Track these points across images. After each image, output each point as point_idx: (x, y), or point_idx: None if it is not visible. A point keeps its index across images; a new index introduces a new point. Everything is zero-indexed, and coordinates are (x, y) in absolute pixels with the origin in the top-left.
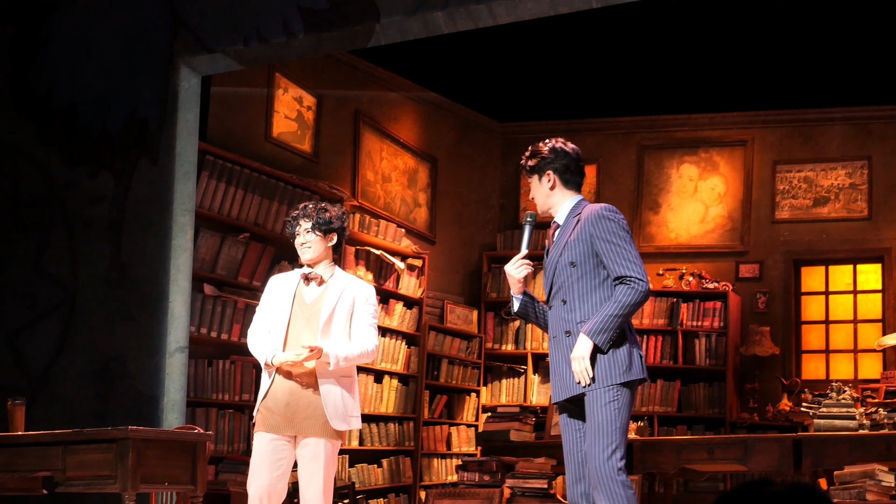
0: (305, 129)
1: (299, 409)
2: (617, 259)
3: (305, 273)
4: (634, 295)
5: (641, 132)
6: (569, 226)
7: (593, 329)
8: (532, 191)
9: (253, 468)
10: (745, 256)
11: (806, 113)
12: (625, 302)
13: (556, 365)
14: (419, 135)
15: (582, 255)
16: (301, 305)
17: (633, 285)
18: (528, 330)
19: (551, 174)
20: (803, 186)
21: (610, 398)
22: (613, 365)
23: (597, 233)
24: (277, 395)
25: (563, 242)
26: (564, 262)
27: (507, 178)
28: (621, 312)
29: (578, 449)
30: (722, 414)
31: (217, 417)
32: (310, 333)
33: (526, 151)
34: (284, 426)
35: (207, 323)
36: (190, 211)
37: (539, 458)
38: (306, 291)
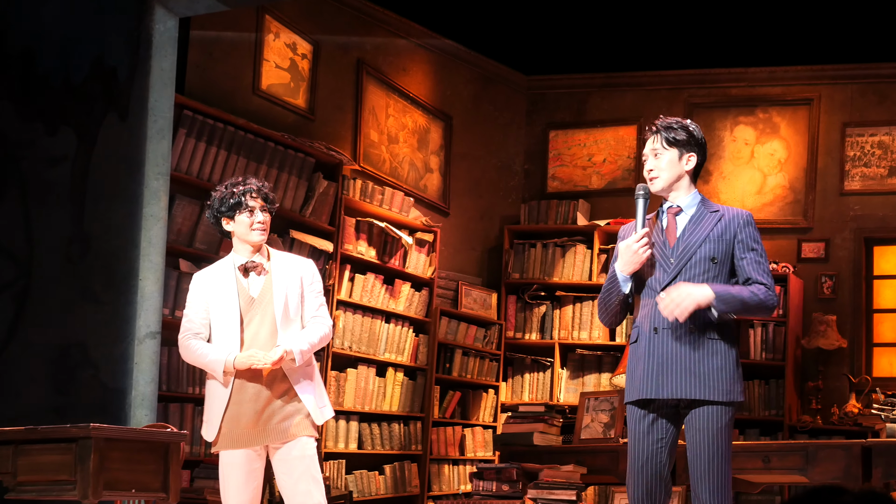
0: (300, 80)
1: (273, 414)
2: (759, 269)
3: (242, 264)
4: (768, 301)
5: (689, 88)
6: (706, 219)
7: (720, 293)
8: (659, 163)
9: (227, 485)
10: (809, 233)
11: (881, 67)
12: (759, 299)
13: (661, 357)
14: (432, 89)
15: (724, 254)
16: (248, 301)
17: (771, 294)
18: (556, 317)
19: (694, 157)
20: (877, 153)
21: (725, 423)
22: (737, 380)
23: (743, 237)
24: (243, 404)
25: (704, 235)
26: (704, 255)
27: (532, 140)
28: (748, 303)
29: (658, 460)
30: (780, 416)
31: (193, 414)
32: (268, 329)
33: (666, 119)
34: (254, 437)
35: (183, 304)
36: (164, 174)
37: (567, 466)
38: (249, 284)
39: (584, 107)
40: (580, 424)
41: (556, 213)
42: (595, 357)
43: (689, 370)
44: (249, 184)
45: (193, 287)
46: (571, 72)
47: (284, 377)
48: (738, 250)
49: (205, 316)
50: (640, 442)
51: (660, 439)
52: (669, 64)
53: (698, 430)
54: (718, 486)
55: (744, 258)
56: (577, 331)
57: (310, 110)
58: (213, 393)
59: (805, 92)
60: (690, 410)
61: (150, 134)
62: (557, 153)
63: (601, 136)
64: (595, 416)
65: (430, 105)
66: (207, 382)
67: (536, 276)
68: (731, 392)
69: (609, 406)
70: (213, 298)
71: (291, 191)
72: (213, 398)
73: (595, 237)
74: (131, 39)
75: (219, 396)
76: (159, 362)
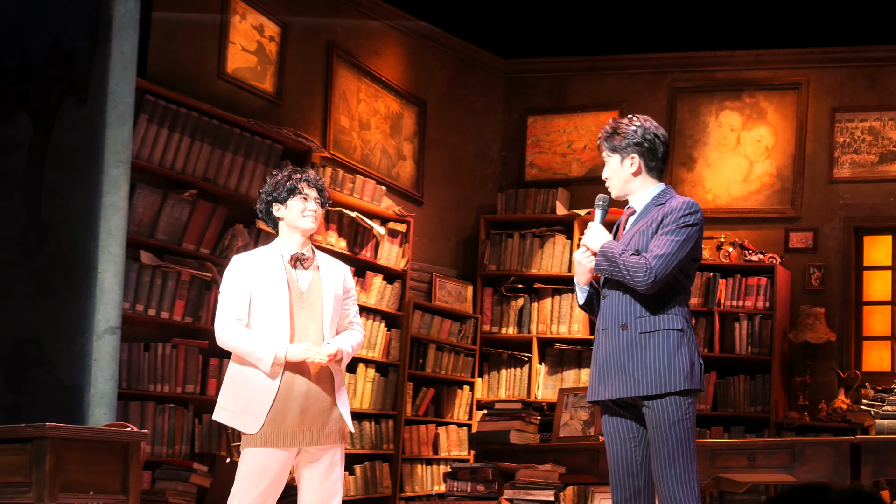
0: (267, 64)
1: (317, 416)
2: (657, 243)
3: (294, 254)
4: (638, 278)
5: (674, 72)
6: (647, 214)
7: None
8: (607, 171)
9: (248, 484)
10: (797, 223)
11: (871, 50)
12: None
13: (602, 360)
14: (405, 73)
15: (648, 244)
16: (297, 294)
17: (645, 273)
18: (534, 310)
19: (636, 157)
20: (867, 139)
21: (679, 415)
22: (674, 369)
23: (666, 221)
24: (290, 401)
25: (637, 229)
26: (631, 250)
27: (510, 126)
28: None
29: (633, 459)
30: (766, 413)
31: (155, 413)
32: (316, 326)
33: (606, 126)
34: (295, 438)
35: (144, 298)
36: (125, 162)
37: (545, 465)
38: (297, 276)
39: (563, 91)
40: (559, 422)
41: (534, 202)
42: (574, 352)
43: (621, 369)
44: (307, 173)
45: (235, 270)
46: (551, 55)
47: (330, 378)
48: (658, 232)
49: (246, 301)
50: (614, 443)
51: (632, 438)
52: (653, 47)
53: (652, 427)
54: (682, 478)
55: (655, 236)
56: (555, 324)
57: (277, 95)
58: (255, 383)
59: (793, 76)
60: (643, 408)
61: (110, 120)
62: (536, 140)
63: (581, 121)
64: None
65: (403, 90)
66: (240, 369)
67: (514, 268)
68: (666, 383)
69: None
70: (259, 285)
71: (258, 179)
72: (253, 388)
73: (575, 227)
74: (90, 21)
75: (263, 388)
76: (119, 359)
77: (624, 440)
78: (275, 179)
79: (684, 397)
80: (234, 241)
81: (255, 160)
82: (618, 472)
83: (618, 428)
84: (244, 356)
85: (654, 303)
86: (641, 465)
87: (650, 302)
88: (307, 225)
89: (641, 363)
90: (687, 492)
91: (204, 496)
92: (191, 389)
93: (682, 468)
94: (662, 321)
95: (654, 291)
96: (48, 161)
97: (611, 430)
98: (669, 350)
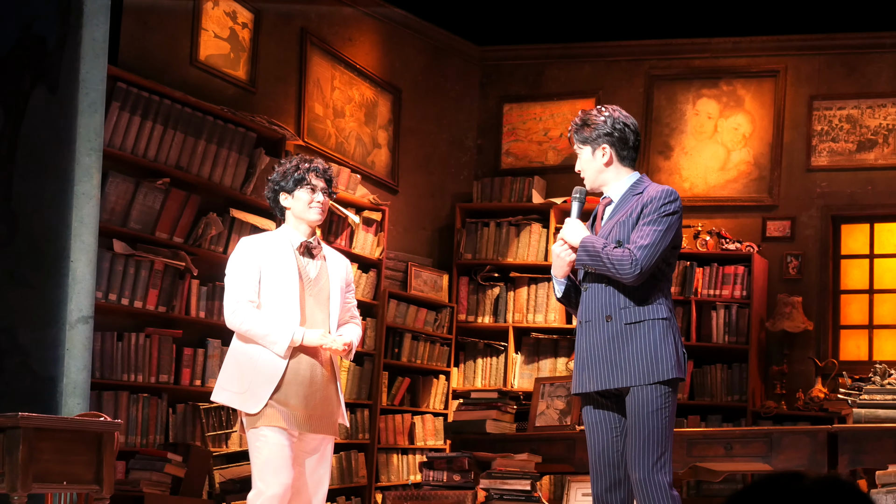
0: (240, 51)
1: (318, 404)
2: (639, 234)
3: (303, 242)
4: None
5: (651, 59)
6: (626, 204)
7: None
8: (580, 164)
9: (273, 464)
10: (774, 211)
11: (850, 38)
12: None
13: (587, 352)
14: (380, 60)
15: (629, 234)
16: (307, 281)
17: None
18: (510, 299)
19: (607, 148)
20: (845, 127)
21: (660, 403)
22: (660, 359)
23: (647, 210)
24: (294, 386)
25: (615, 221)
26: (612, 241)
27: (486, 114)
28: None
29: (614, 450)
30: (743, 402)
31: (128, 403)
32: (322, 315)
33: (576, 118)
34: (299, 422)
35: (117, 288)
36: (97, 150)
37: (521, 455)
38: (306, 264)
39: (540, 79)
40: (535, 411)
41: (510, 190)
42: (551, 341)
43: (607, 360)
44: (316, 163)
45: (245, 252)
46: (527, 42)
47: (333, 370)
48: (639, 222)
49: (256, 284)
50: (595, 433)
51: (613, 428)
52: (630, 34)
53: (632, 413)
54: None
55: (637, 227)
56: (531, 314)
57: (251, 82)
58: (260, 364)
59: (771, 63)
60: (626, 398)
61: (82, 107)
62: (512, 127)
63: (558, 109)
64: (550, 402)
65: (377, 77)
66: (243, 349)
67: (490, 257)
68: (653, 373)
69: (565, 392)
70: (269, 269)
71: (231, 168)
72: (257, 369)
73: (551, 215)
74: (60, 7)
75: (269, 369)
76: (92, 348)
77: (605, 430)
78: (283, 168)
79: (666, 386)
80: (208, 229)
81: (229, 148)
82: (598, 462)
83: (599, 418)
84: (257, 338)
85: (637, 293)
86: (622, 455)
87: (634, 292)
88: (313, 217)
89: (628, 354)
90: (660, 478)
91: (178, 486)
92: (164, 379)
93: (655, 454)
94: (648, 311)
95: (640, 283)
96: (19, 149)
97: (592, 421)
98: (656, 339)
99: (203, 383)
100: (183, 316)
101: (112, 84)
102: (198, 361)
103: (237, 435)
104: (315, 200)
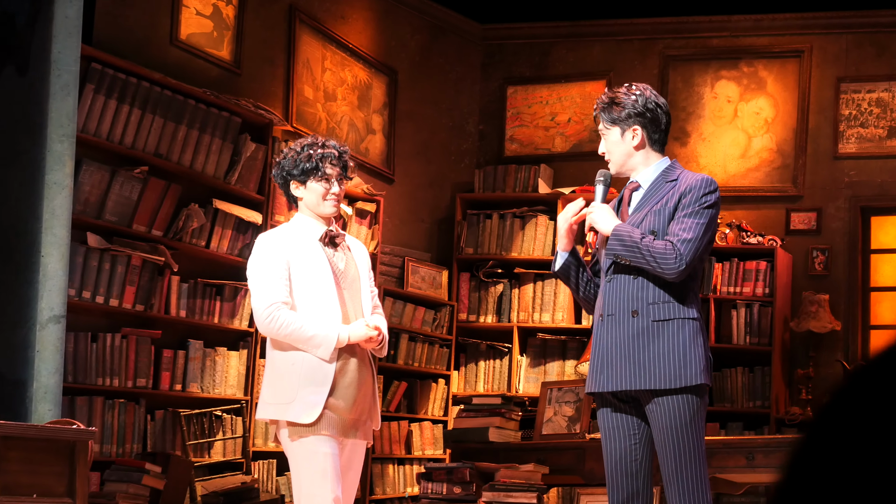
0: (224, 29)
1: (364, 407)
2: (679, 226)
3: (331, 232)
4: (668, 265)
5: (666, 38)
6: (658, 191)
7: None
8: (607, 144)
9: (328, 476)
10: (799, 202)
11: (879, 15)
12: (656, 258)
13: (607, 349)
14: (374, 39)
15: (665, 224)
16: (339, 274)
17: (676, 260)
18: (514, 297)
19: (638, 129)
20: (875, 111)
21: (692, 413)
22: (690, 362)
23: (685, 201)
24: (343, 389)
25: (649, 208)
26: (646, 229)
27: (488, 97)
28: (643, 258)
29: (632, 458)
30: (766, 408)
31: (103, 409)
32: (356, 310)
33: (602, 96)
34: (346, 429)
35: (91, 285)
36: (69, 137)
37: (527, 465)
38: (333, 256)
39: (546, 59)
40: (542, 418)
41: (514, 179)
42: (558, 342)
43: (630, 359)
44: (329, 148)
45: (269, 249)
46: (532, 20)
47: (368, 367)
48: (677, 213)
49: (288, 283)
50: (612, 440)
51: (632, 435)
52: (643, 11)
53: (659, 427)
54: (691, 489)
55: (675, 218)
56: (538, 313)
57: (235, 63)
58: (306, 370)
59: (795, 43)
60: (649, 404)
61: (54, 90)
62: (516, 112)
63: (566, 92)
64: (558, 408)
65: (372, 57)
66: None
67: (492, 252)
68: (681, 377)
69: (574, 398)
70: (298, 266)
71: (215, 155)
72: (303, 373)
73: (558, 207)
74: None
75: (316, 372)
76: (64, 350)
77: (623, 437)
78: (293, 154)
79: (696, 395)
80: (189, 222)
81: (212, 134)
82: (615, 471)
83: (617, 423)
84: (299, 343)
85: (669, 288)
86: (641, 464)
87: (665, 287)
88: (327, 210)
89: (654, 354)
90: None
91: (157, 499)
92: (142, 383)
93: (692, 475)
94: (678, 309)
95: (681, 279)
96: None
97: (609, 426)
98: (685, 341)
99: (184, 388)
100: (162, 315)
101: (86, 65)
102: (178, 364)
103: (220, 444)
104: (330, 192)
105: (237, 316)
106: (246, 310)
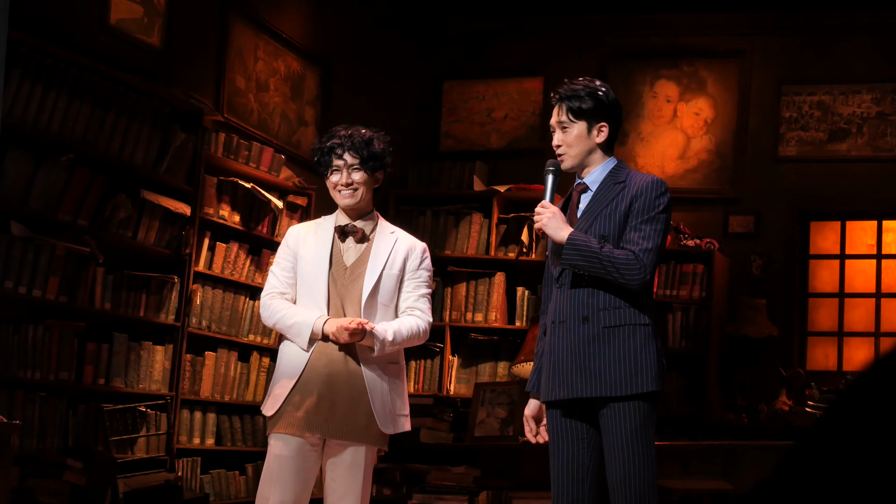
0: (154, 15)
1: (337, 403)
2: (638, 234)
3: (341, 225)
4: (631, 275)
5: (604, 36)
6: (607, 193)
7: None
8: (566, 138)
9: (273, 479)
10: (738, 205)
11: (823, 17)
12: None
13: (557, 356)
14: (308, 29)
15: (616, 228)
16: (340, 269)
17: (640, 270)
18: (447, 296)
19: (605, 127)
20: (816, 114)
21: (642, 420)
22: (641, 368)
23: (638, 205)
24: (310, 383)
25: (598, 211)
26: (595, 235)
27: (423, 92)
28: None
29: (580, 463)
30: (701, 413)
31: (25, 402)
32: (352, 306)
33: (569, 85)
34: (313, 425)
35: (14, 274)
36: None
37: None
38: (344, 250)
39: (483, 54)
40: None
41: (449, 176)
42: (492, 342)
43: (581, 366)
44: (335, 137)
45: (285, 241)
46: (470, 13)
47: (358, 366)
48: (630, 219)
49: (291, 275)
50: (559, 444)
51: (581, 440)
52: (582, 7)
53: (608, 432)
54: (638, 497)
55: (631, 225)
56: (471, 312)
57: (166, 50)
58: (284, 361)
59: (736, 43)
60: (601, 411)
61: None
62: (452, 107)
63: (503, 88)
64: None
65: (305, 48)
66: (281, 347)
67: None
68: (632, 384)
69: (507, 399)
70: (304, 257)
71: (143, 144)
72: (281, 368)
73: (494, 204)
74: None
75: (291, 367)
76: None
77: (572, 441)
78: (313, 146)
79: (647, 402)
80: (116, 212)
81: (141, 123)
82: (562, 476)
83: (566, 427)
84: (284, 332)
85: (620, 294)
86: (588, 469)
87: (617, 293)
88: (343, 202)
89: (604, 360)
90: None
91: (78, 495)
92: (65, 376)
93: (639, 483)
94: (630, 315)
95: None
96: None
97: (558, 430)
98: (636, 347)
99: (108, 381)
100: (86, 307)
101: (13, 49)
102: (102, 357)
103: (144, 440)
104: (339, 183)
105: (163, 309)
106: (172, 303)
